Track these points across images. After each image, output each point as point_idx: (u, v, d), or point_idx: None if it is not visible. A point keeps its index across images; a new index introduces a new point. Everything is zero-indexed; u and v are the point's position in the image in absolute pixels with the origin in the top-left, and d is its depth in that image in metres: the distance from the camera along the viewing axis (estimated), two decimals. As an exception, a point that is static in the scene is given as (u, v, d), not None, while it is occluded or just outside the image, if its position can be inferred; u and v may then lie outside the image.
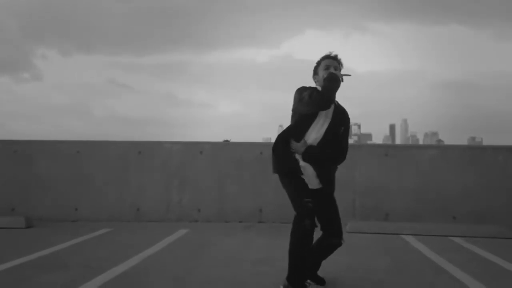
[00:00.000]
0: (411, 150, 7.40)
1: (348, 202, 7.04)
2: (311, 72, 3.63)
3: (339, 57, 3.58)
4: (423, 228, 6.37)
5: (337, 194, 3.63)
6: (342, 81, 3.36)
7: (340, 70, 3.54)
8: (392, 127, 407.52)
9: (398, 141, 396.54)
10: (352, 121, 3.87)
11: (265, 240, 5.68)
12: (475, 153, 7.20)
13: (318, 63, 3.59)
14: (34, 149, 7.35)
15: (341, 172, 7.10)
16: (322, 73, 3.49)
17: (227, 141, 8.27)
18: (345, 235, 3.65)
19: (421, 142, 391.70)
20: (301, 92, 3.45)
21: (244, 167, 7.28)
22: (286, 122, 3.66)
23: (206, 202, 7.27)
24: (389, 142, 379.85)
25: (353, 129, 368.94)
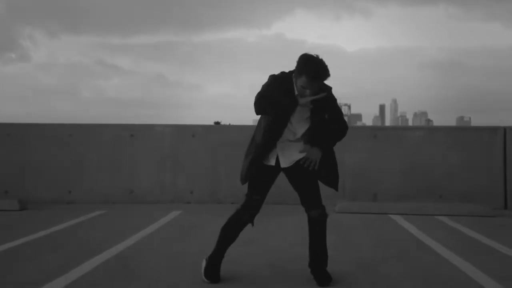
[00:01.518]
0: (399, 131, 7.56)
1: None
2: (304, 52, 3.38)
3: (325, 77, 3.22)
4: (410, 208, 6.56)
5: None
6: (310, 106, 3.26)
7: (318, 91, 3.23)
8: (382, 108, 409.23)
9: (388, 121, 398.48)
10: (342, 101, 3.87)
11: (257, 220, 5.81)
12: (460, 134, 7.38)
13: (301, 71, 3.18)
14: (28, 132, 7.41)
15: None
16: (299, 85, 3.22)
17: (217, 123, 8.36)
18: (334, 215, 3.77)
19: (410, 122, 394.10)
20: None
21: (236, 149, 7.35)
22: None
23: (199, 184, 7.40)
24: (379, 124, 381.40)
25: (344, 109, 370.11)
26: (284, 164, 3.40)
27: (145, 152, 7.43)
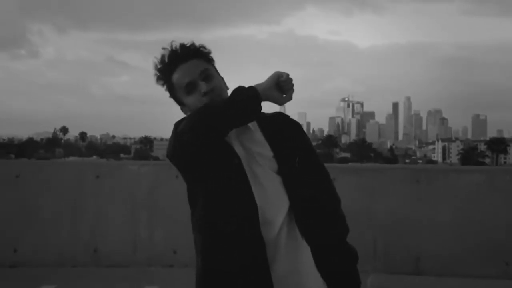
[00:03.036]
0: (448, 174, 5.73)
1: (367, 242, 5.40)
2: (314, 49, 2.07)
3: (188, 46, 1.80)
4: (469, 286, 4.76)
5: (353, 232, 1.97)
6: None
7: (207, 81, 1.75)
8: (395, 105, 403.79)
9: (401, 119, 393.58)
10: (354, 99, 2.14)
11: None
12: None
13: (168, 86, 1.83)
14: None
15: (358, 203, 5.58)
16: (187, 101, 1.80)
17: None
18: None
19: (424, 121, 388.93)
20: (177, 127, 1.77)
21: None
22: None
23: (184, 241, 5.63)
24: (392, 122, 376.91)
25: (356, 107, 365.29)
26: None
27: (114, 198, 5.70)
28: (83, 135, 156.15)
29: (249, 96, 1.64)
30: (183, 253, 5.61)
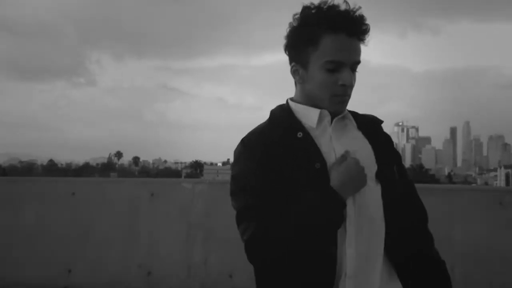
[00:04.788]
0: (537, 196, 5.11)
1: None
2: (368, 72, 1.72)
3: (360, 18, 1.39)
4: None
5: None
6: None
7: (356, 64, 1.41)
8: (453, 130, 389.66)
9: (460, 145, 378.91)
10: (409, 123, 1.94)
11: None
12: None
13: (308, 38, 1.40)
14: (17, 191, 5.68)
15: (433, 229, 5.07)
16: (319, 77, 1.41)
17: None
18: None
19: (485, 147, 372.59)
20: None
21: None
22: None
23: (240, 265, 5.30)
24: (451, 147, 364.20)
25: (411, 132, 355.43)
26: None
27: (169, 217, 5.47)
28: (136, 159, 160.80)
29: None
30: (240, 278, 5.27)
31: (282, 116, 1.49)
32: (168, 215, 5.49)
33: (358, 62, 1.42)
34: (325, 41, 1.37)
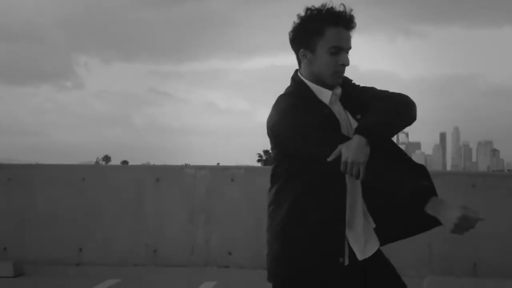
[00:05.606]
0: (506, 180, 5.67)
1: (422, 248, 5.37)
2: (356, 79, 2.05)
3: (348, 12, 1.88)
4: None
5: (407, 239, 2.02)
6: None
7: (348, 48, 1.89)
8: (442, 136, 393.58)
9: (449, 150, 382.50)
10: None
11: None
12: None
13: (315, 30, 1.88)
14: (32, 176, 6.14)
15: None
16: (325, 58, 1.89)
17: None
18: None
19: (474, 152, 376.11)
20: (291, 116, 1.83)
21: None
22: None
23: (239, 243, 5.80)
24: (440, 153, 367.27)
25: (401, 137, 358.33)
26: (361, 254, 1.85)
27: (173, 200, 5.95)
28: (125, 163, 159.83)
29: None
30: (238, 255, 5.76)
31: (305, 90, 1.93)
32: (172, 198, 5.97)
33: (350, 47, 1.94)
34: (329, 32, 1.88)
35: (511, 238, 5.31)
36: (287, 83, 2.02)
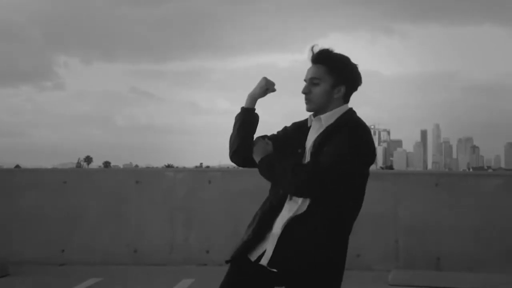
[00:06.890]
0: (468, 179, 6.05)
1: (388, 243, 5.71)
2: None
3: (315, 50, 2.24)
4: (488, 280, 5.00)
5: (375, 233, 2.30)
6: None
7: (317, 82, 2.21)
8: (423, 133, 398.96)
9: (430, 147, 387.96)
10: (380, 126, 2.53)
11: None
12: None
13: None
14: (16, 179, 6.31)
15: (380, 207, 5.91)
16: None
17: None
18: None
19: (454, 149, 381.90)
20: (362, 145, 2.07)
21: (262, 198, 6.04)
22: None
23: (216, 242, 6.06)
24: (421, 150, 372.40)
25: (382, 135, 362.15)
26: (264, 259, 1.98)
27: (153, 202, 6.18)
28: (107, 164, 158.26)
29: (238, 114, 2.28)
30: (215, 253, 6.02)
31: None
32: (152, 200, 6.20)
33: (313, 78, 2.22)
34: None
35: (472, 233, 5.68)
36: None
